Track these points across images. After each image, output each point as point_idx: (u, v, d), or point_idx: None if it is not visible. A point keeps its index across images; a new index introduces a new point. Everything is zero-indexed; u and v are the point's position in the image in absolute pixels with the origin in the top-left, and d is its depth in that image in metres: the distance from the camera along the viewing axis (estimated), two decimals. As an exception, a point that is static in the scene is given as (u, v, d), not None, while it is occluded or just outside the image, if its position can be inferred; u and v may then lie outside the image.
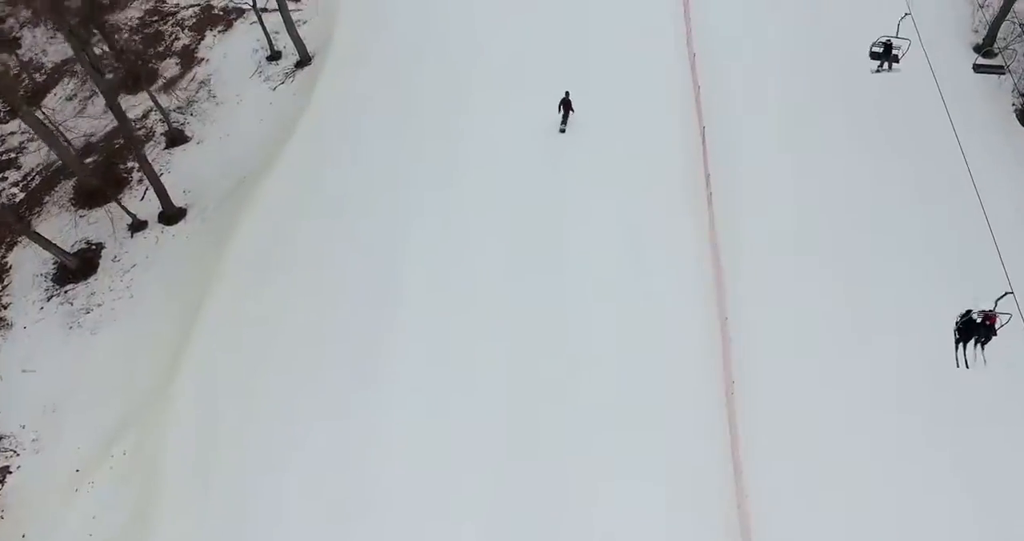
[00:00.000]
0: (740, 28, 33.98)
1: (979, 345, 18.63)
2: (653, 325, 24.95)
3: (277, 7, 35.93)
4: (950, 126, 22.01)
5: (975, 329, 18.43)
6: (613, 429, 22.90)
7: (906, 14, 22.69)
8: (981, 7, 34.18)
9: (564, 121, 30.38)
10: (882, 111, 29.99)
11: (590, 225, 27.75)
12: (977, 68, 26.33)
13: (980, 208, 19.40)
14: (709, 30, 33.63)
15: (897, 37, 23.98)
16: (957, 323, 18.74)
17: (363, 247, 28.70)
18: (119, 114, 28.78)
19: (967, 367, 18.97)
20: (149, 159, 34.25)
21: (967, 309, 18.61)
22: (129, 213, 31.43)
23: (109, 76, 37.40)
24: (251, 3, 36.24)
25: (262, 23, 36.76)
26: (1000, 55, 31.11)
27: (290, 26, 36.28)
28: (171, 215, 31.79)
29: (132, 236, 31.59)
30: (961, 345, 18.81)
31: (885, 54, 25.05)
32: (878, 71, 25.51)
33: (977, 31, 33.38)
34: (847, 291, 25.07)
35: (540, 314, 25.78)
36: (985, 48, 32.04)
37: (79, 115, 36.79)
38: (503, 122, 31.55)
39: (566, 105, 30.12)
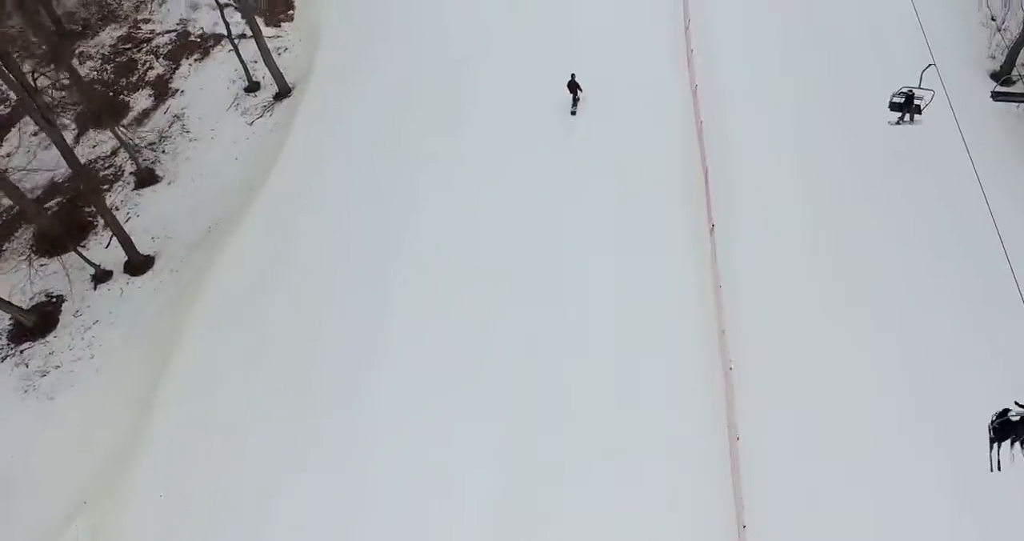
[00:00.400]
0: (740, 25, 33.03)
1: (1017, 445, 16.65)
2: (652, 328, 24.22)
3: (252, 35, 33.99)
4: (967, 156, 20.73)
5: (1012, 429, 16.49)
6: (612, 427, 22.33)
7: (930, 64, 20.83)
8: (1000, 31, 32.29)
9: (574, 104, 30.29)
10: (893, 143, 28.12)
11: (589, 229, 27.06)
12: (996, 96, 24.77)
13: (998, 239, 18.53)
14: (707, 28, 32.88)
15: (920, 87, 21.99)
16: (993, 422, 16.77)
17: (347, 288, 27.17)
18: (73, 162, 26.76)
19: (999, 469, 17.04)
20: (117, 201, 32.57)
21: (1004, 408, 16.65)
22: (91, 264, 29.32)
23: (79, 109, 35.61)
24: (226, 31, 34.32)
25: (238, 53, 34.75)
26: (1020, 82, 29.69)
27: (267, 56, 34.26)
28: (137, 265, 29.68)
29: (95, 288, 29.47)
30: (996, 445, 16.79)
31: (906, 105, 23.11)
32: (898, 123, 23.63)
33: (994, 57, 31.63)
34: (848, 290, 24.50)
35: (538, 327, 24.91)
36: (1004, 75, 30.33)
37: (45, 150, 34.71)
38: (501, 139, 30.45)
39: (573, 87, 29.94)
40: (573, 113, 30.28)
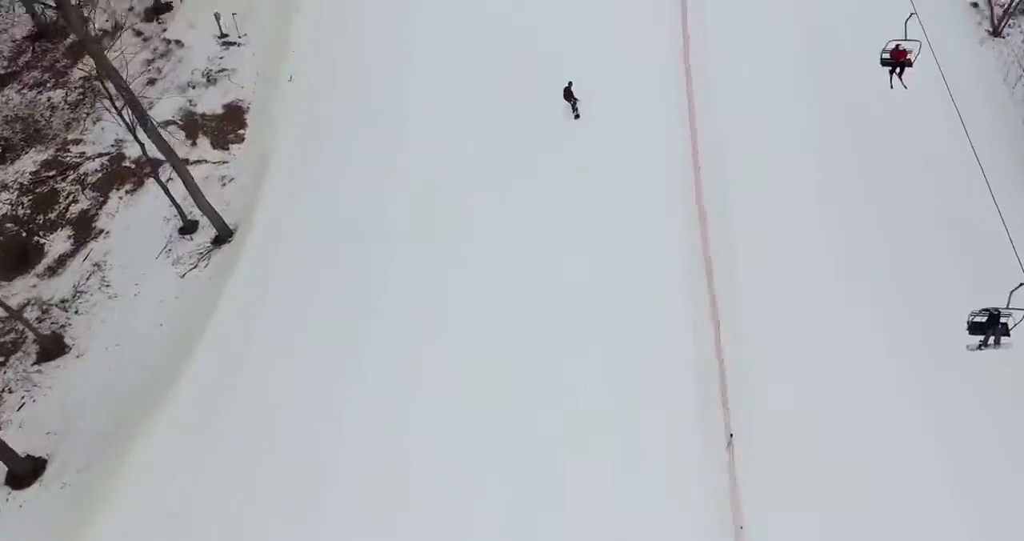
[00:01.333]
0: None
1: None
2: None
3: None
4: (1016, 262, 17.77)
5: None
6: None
7: (1021, 284, 16.53)
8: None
9: (574, 108, 30.98)
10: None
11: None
12: None
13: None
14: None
15: (1008, 308, 17.47)
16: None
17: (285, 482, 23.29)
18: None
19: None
20: (12, 379, 27.20)
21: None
22: (-40, 479, 23.53)
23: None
24: (148, 163, 28.86)
25: (168, 192, 29.23)
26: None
27: (197, 196, 28.83)
28: (22, 475, 23.79)
29: (-33, 507, 23.67)
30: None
31: (989, 325, 17.94)
32: (980, 348, 18.63)
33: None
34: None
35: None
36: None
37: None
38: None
39: (569, 94, 30.52)
40: (576, 117, 30.92)
